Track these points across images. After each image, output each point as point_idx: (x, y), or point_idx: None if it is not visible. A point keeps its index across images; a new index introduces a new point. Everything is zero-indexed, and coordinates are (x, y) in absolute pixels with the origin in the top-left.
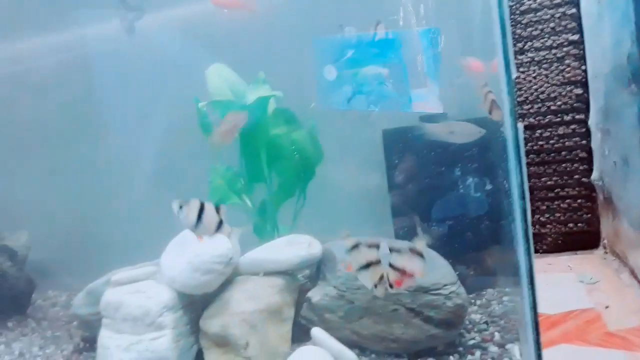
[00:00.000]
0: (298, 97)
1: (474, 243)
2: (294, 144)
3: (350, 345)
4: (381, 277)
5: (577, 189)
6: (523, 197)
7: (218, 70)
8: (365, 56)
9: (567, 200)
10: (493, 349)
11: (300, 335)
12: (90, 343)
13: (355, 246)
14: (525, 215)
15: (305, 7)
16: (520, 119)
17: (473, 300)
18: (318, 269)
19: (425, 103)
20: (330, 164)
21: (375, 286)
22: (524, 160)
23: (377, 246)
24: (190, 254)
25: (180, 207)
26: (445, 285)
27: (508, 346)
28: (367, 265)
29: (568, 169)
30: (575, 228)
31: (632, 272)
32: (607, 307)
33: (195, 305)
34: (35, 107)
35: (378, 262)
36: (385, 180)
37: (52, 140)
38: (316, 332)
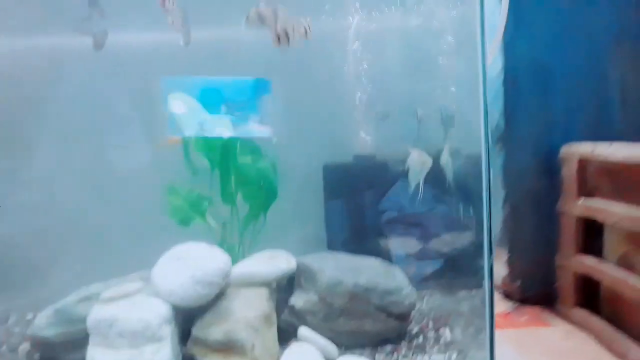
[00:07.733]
0: None
1: None
2: (259, 172)
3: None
4: None
5: None
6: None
7: (181, 101)
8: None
9: None
10: (430, 334)
11: (283, 336)
12: None
13: None
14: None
15: None
16: None
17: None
18: (291, 279)
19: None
20: (281, 192)
21: None
22: None
23: None
24: (192, 268)
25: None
26: (403, 289)
27: (440, 331)
28: None
29: None
30: None
31: None
32: None
33: (179, 316)
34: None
35: None
36: (323, 210)
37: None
38: (303, 330)
